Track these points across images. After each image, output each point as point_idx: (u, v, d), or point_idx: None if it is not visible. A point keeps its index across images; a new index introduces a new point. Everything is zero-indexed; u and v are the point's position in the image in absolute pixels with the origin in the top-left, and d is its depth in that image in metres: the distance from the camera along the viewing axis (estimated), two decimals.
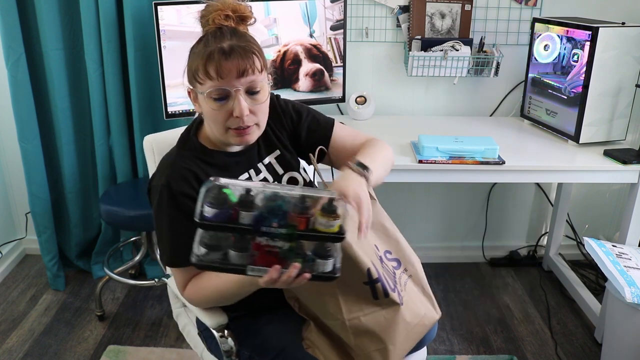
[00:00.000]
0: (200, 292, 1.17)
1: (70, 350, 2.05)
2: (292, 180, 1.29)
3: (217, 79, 1.08)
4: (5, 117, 2.37)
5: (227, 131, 1.13)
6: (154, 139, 1.39)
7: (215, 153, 1.20)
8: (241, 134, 1.13)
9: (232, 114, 1.10)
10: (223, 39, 1.09)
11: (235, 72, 1.08)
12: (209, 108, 1.11)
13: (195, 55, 1.10)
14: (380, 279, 1.14)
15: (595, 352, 2.08)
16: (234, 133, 1.13)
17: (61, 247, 2.46)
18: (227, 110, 1.10)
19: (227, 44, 1.08)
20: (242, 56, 1.08)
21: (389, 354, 1.17)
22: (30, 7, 2.11)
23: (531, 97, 2.23)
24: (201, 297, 1.18)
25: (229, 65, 1.07)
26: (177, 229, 1.13)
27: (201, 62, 1.08)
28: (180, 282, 1.19)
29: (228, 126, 1.12)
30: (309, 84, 2.13)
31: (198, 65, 1.09)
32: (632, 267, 1.77)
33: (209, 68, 1.07)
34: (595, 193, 2.58)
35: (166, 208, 1.13)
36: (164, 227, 1.15)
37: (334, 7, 2.08)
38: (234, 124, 1.12)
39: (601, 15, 2.18)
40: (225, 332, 1.23)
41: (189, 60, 1.13)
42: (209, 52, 1.07)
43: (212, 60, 1.07)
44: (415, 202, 2.57)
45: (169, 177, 1.13)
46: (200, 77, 1.09)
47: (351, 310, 1.15)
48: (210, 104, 1.10)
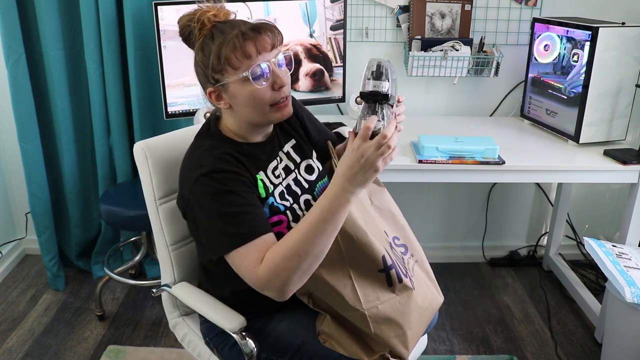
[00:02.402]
0: (283, 246, 1.06)
1: (70, 350, 2.05)
2: (309, 167, 1.32)
3: (256, 55, 1.10)
4: (5, 117, 2.37)
5: (269, 110, 1.15)
6: (147, 145, 1.34)
7: (241, 144, 1.21)
8: (282, 107, 1.16)
9: (273, 88, 1.13)
10: (239, 25, 1.12)
11: (270, 46, 1.12)
12: (248, 91, 1.12)
13: (217, 47, 1.10)
14: (394, 265, 1.18)
15: (595, 352, 2.08)
16: (276, 108, 1.16)
17: (61, 247, 2.47)
18: (268, 86, 1.13)
19: (249, 24, 1.11)
20: (270, 30, 1.12)
21: (407, 338, 1.19)
22: (30, 7, 2.11)
23: (531, 97, 2.23)
24: (285, 248, 1.05)
25: (262, 39, 1.10)
26: (242, 202, 1.11)
27: (232, 47, 1.09)
28: (254, 257, 1.07)
29: (271, 102, 1.14)
30: (309, 84, 2.13)
31: (228, 53, 1.09)
32: (632, 267, 1.77)
33: (247, 47, 1.09)
34: (595, 193, 2.58)
35: (225, 187, 1.10)
36: (226, 209, 1.10)
37: (334, 7, 2.08)
38: (277, 98, 1.14)
39: (601, 15, 2.18)
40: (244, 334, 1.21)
41: (205, 59, 1.12)
42: (238, 33, 1.09)
43: (248, 39, 1.09)
44: (415, 202, 2.57)
45: (214, 163, 1.12)
46: (234, 62, 1.10)
47: (369, 300, 1.16)
48: (249, 86, 1.11)
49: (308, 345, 1.22)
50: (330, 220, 1.04)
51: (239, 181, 1.13)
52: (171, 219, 1.37)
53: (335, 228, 1.06)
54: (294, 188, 1.26)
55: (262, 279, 1.05)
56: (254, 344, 1.21)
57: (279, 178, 1.24)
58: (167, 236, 1.38)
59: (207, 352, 1.37)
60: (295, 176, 1.28)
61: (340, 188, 1.03)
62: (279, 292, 1.06)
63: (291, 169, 1.28)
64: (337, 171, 1.05)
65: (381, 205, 1.28)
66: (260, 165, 1.22)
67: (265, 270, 1.05)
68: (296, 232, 1.05)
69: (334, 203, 1.04)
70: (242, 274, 1.09)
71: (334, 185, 1.04)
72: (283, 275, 1.05)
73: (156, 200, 1.35)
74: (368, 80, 1.05)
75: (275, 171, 1.24)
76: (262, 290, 1.07)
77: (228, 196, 1.10)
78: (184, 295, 1.36)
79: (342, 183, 1.03)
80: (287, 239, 1.06)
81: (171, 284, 1.41)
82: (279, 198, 1.22)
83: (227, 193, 1.10)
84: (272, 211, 1.18)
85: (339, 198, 1.03)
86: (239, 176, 1.13)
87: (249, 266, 1.07)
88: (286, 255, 1.04)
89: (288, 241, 1.05)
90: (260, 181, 1.19)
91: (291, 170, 1.28)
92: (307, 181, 1.29)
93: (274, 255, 1.05)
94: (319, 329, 1.23)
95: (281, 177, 1.25)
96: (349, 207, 1.05)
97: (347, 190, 1.03)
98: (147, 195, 1.36)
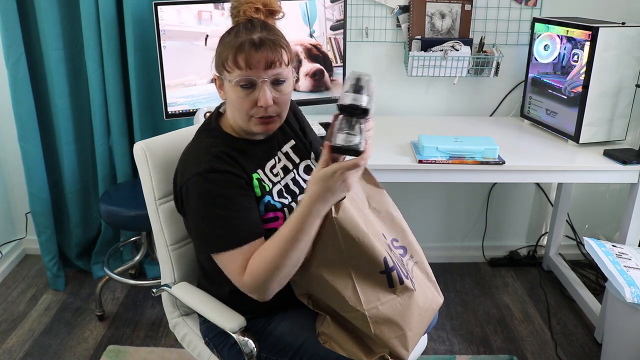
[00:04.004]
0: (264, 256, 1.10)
1: (70, 350, 2.05)
2: (308, 168, 1.33)
3: (246, 69, 1.12)
4: (5, 117, 2.37)
5: (250, 119, 1.17)
6: (147, 145, 1.34)
7: (239, 140, 1.23)
8: (264, 123, 1.17)
9: (257, 104, 1.14)
10: (254, 31, 1.13)
11: (264, 63, 1.12)
12: (235, 96, 1.15)
13: (226, 44, 1.14)
14: (395, 267, 1.18)
15: (595, 352, 2.08)
16: (257, 121, 1.17)
17: (61, 247, 2.46)
18: (252, 99, 1.14)
19: (257, 36, 1.12)
20: (271, 49, 1.12)
21: (407, 339, 1.20)
22: (30, 7, 2.11)
23: (531, 97, 2.23)
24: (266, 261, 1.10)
25: (258, 56, 1.11)
26: (233, 206, 1.13)
27: (231, 51, 1.12)
28: (240, 263, 1.12)
29: (252, 115, 1.16)
30: (309, 84, 2.13)
31: (228, 54, 1.13)
32: (632, 267, 1.77)
33: (238, 58, 1.11)
34: (595, 193, 2.58)
35: (218, 189, 1.13)
36: (217, 211, 1.12)
37: (334, 7, 2.08)
38: (258, 113, 1.16)
39: (601, 15, 2.18)
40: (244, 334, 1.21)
41: (219, 48, 1.17)
42: (239, 42, 1.11)
43: (242, 51, 1.11)
44: (415, 202, 2.57)
45: (210, 162, 1.14)
46: (229, 66, 1.13)
47: (369, 301, 1.16)
48: (237, 92, 1.14)
49: (308, 345, 1.22)
50: (303, 237, 1.08)
51: (234, 183, 1.14)
52: (171, 219, 1.37)
53: (309, 239, 1.10)
54: (292, 187, 1.27)
55: (247, 286, 1.12)
56: (253, 344, 1.21)
57: (277, 176, 1.25)
58: (167, 236, 1.38)
59: (207, 352, 1.37)
60: (294, 176, 1.29)
61: (314, 209, 1.06)
62: (261, 296, 1.13)
63: (290, 169, 1.29)
64: (310, 192, 1.06)
65: (379, 208, 1.28)
66: (258, 162, 1.23)
67: (249, 279, 1.11)
68: (274, 246, 1.09)
69: (306, 221, 1.06)
70: (227, 274, 1.15)
71: (306, 206, 1.06)
72: (265, 284, 1.11)
73: (156, 200, 1.35)
74: (347, 93, 1.04)
75: (273, 169, 1.25)
76: (246, 292, 1.14)
77: (219, 199, 1.13)
78: (184, 295, 1.36)
79: (315, 204, 1.05)
80: (266, 251, 1.10)
81: (171, 284, 1.41)
82: (277, 196, 1.23)
83: (219, 196, 1.13)
84: (268, 209, 1.20)
85: (312, 216, 1.06)
86: (234, 177, 1.15)
87: (235, 271, 1.13)
88: (267, 268, 1.09)
89: (267, 254, 1.10)
90: (256, 180, 1.20)
91: (290, 170, 1.29)
92: (305, 181, 1.30)
93: (257, 266, 1.11)
94: (319, 329, 1.24)
95: (279, 176, 1.26)
96: (319, 222, 1.09)
97: (319, 210, 1.07)
98: (147, 195, 1.36)
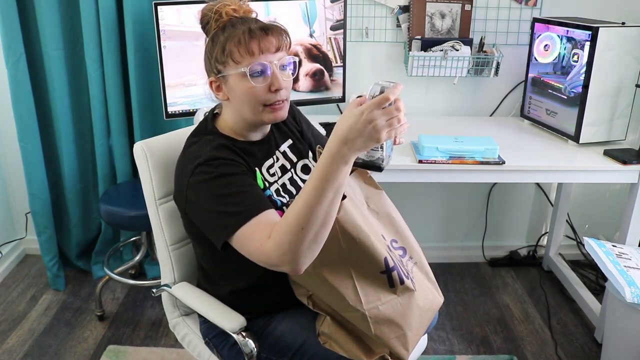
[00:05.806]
0: (287, 217, 1.01)
1: (70, 350, 2.05)
2: (305, 167, 1.33)
3: (259, 54, 1.12)
4: (5, 117, 2.37)
5: (263, 109, 1.17)
6: (147, 145, 1.34)
7: (237, 141, 1.23)
8: (275, 109, 1.17)
9: (270, 89, 1.15)
10: (250, 22, 1.14)
11: (274, 47, 1.14)
12: (245, 87, 1.14)
13: (224, 39, 1.13)
14: (395, 267, 1.18)
15: (595, 352, 2.08)
16: (269, 109, 1.17)
17: (61, 247, 2.46)
18: (265, 86, 1.15)
19: (260, 24, 1.13)
20: (279, 33, 1.15)
21: (407, 340, 1.20)
22: (30, 7, 2.11)
23: (531, 97, 2.23)
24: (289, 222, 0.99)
25: (267, 41, 1.13)
26: (240, 182, 1.12)
27: (237, 42, 1.12)
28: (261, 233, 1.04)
29: (264, 102, 1.16)
30: (309, 84, 2.13)
31: (232, 47, 1.12)
32: (632, 267, 1.77)
33: (251, 44, 1.12)
34: (595, 193, 2.58)
35: (223, 171, 1.12)
36: (225, 190, 1.10)
37: (334, 7, 2.08)
38: (270, 100, 1.16)
39: (601, 15, 2.18)
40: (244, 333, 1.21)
41: (212, 49, 1.16)
42: (246, 30, 1.12)
43: (253, 37, 1.12)
44: (415, 202, 2.57)
45: (211, 152, 1.14)
46: (236, 57, 1.13)
47: (369, 301, 1.16)
48: (247, 82, 1.14)
49: (308, 346, 1.22)
50: (329, 186, 0.96)
51: (237, 166, 1.15)
52: (171, 219, 1.37)
53: (336, 194, 0.98)
54: (289, 187, 1.27)
55: (272, 256, 1.02)
56: (253, 344, 1.21)
57: (274, 176, 1.25)
58: (167, 236, 1.38)
59: (207, 352, 1.37)
60: (291, 175, 1.29)
61: (338, 152, 0.94)
62: (292, 267, 1.01)
63: (287, 169, 1.29)
64: (335, 133, 0.95)
65: (378, 209, 1.27)
66: (256, 162, 1.23)
67: (273, 245, 1.01)
68: (297, 204, 0.99)
69: (331, 168, 0.95)
70: (251, 255, 1.06)
71: (330, 149, 0.95)
72: (291, 250, 0.99)
73: (156, 200, 1.35)
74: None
75: (270, 169, 1.26)
76: (275, 267, 1.03)
77: (225, 179, 1.12)
78: (184, 295, 1.36)
79: (340, 146, 0.93)
80: (289, 213, 1.00)
81: (171, 284, 1.41)
82: (275, 195, 1.23)
83: (224, 176, 1.12)
84: None
85: (337, 162, 0.95)
86: (236, 162, 1.15)
87: (256, 244, 1.04)
88: (291, 230, 0.99)
89: (291, 215, 1.00)
90: (259, 173, 1.22)
91: (287, 169, 1.29)
92: (303, 181, 1.30)
93: (280, 230, 1.01)
94: (319, 330, 1.24)
95: (277, 176, 1.26)
96: (347, 170, 0.97)
97: (344, 154, 0.94)
98: (147, 195, 1.36)
